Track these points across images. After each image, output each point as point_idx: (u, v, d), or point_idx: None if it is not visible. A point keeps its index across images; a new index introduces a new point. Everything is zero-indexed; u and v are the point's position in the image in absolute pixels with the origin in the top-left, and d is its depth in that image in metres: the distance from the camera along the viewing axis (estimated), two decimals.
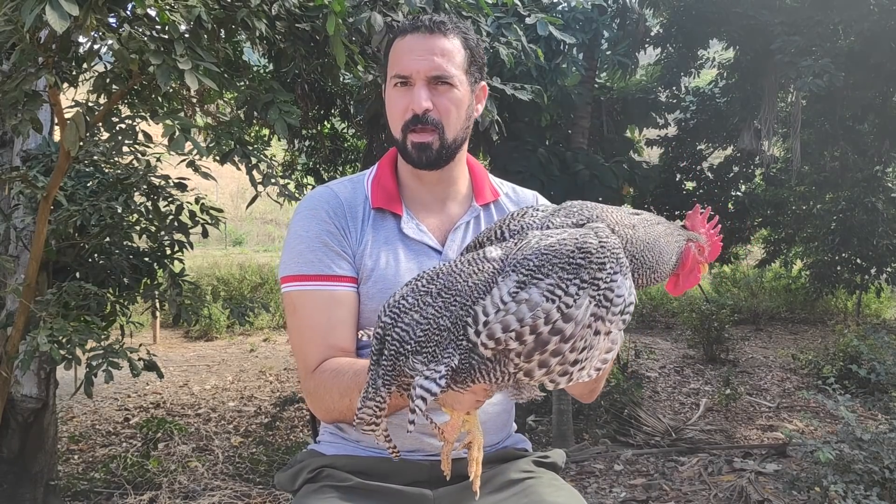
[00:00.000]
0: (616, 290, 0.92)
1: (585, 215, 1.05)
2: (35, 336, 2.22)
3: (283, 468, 1.42)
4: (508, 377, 0.91)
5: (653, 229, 1.10)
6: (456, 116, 1.30)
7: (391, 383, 0.93)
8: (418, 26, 1.29)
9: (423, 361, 0.90)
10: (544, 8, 4.22)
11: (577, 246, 0.92)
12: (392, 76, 1.30)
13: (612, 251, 0.94)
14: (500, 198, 1.46)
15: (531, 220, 1.06)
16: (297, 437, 4.59)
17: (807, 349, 7.51)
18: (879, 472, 2.79)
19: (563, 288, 0.89)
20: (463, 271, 0.95)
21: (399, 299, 0.95)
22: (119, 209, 2.83)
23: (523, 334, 0.87)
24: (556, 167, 4.40)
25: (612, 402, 4.84)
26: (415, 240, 1.33)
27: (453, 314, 0.92)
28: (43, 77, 1.98)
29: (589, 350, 0.91)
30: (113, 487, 3.55)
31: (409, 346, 0.91)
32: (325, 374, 1.22)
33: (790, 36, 4.89)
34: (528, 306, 0.87)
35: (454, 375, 0.90)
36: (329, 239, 1.29)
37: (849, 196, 7.76)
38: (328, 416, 1.27)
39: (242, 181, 14.45)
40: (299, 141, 5.95)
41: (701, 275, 1.20)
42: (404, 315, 0.93)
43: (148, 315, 7.32)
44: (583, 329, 0.89)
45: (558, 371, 0.89)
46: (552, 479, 1.35)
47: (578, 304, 0.89)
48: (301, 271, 1.27)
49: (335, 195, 1.35)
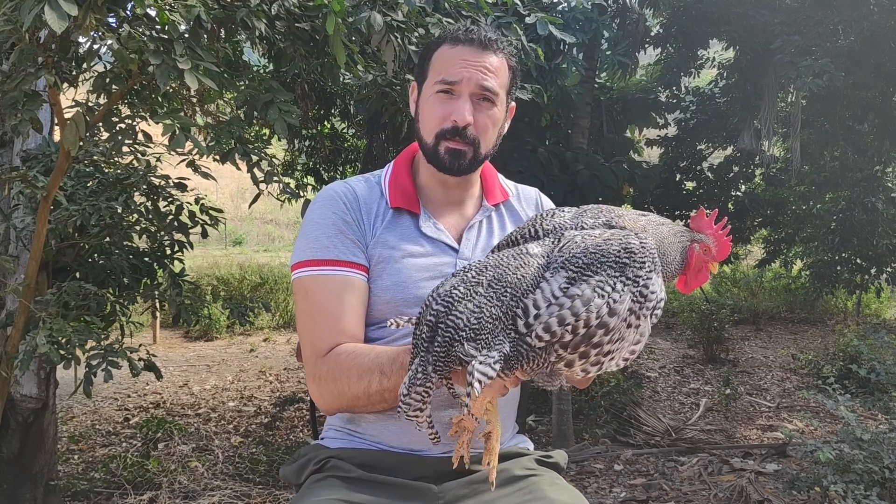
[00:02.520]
0: (651, 287, 0.98)
1: (604, 217, 1.12)
2: (34, 336, 2.22)
3: (288, 461, 1.43)
4: (549, 366, 0.96)
5: (659, 230, 1.16)
6: (492, 134, 1.35)
7: (443, 370, 0.96)
8: (472, 38, 1.30)
9: (476, 348, 0.94)
10: (544, 7, 4.22)
11: (622, 246, 0.99)
12: (438, 80, 1.30)
13: (651, 251, 1.01)
14: (509, 198, 1.49)
15: (561, 220, 1.12)
16: (297, 437, 4.59)
17: (807, 349, 7.51)
18: (879, 472, 2.79)
19: (612, 285, 0.95)
20: (510, 265, 1.01)
21: (450, 289, 0.99)
22: (119, 209, 2.83)
23: (577, 328, 0.92)
24: (556, 167, 4.40)
25: (612, 402, 4.84)
26: (433, 238, 1.35)
27: (504, 304, 0.97)
28: (43, 77, 1.98)
29: (621, 342, 0.96)
30: (113, 487, 3.55)
31: (465, 332, 0.95)
32: (340, 357, 1.21)
33: (790, 36, 4.89)
34: (581, 301, 0.93)
35: (505, 362, 0.95)
36: (345, 227, 1.31)
37: (849, 196, 7.76)
38: (338, 402, 1.23)
39: (242, 181, 14.28)
40: (299, 141, 5.95)
41: (710, 273, 1.25)
42: (458, 304, 0.97)
43: (148, 315, 7.32)
44: (622, 322, 0.95)
45: (593, 361, 0.95)
46: (554, 478, 1.36)
47: (622, 300, 0.95)
48: (316, 256, 1.28)
49: (352, 189, 1.37)
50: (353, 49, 2.43)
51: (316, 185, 6.23)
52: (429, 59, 1.35)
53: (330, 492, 1.24)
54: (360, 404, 1.18)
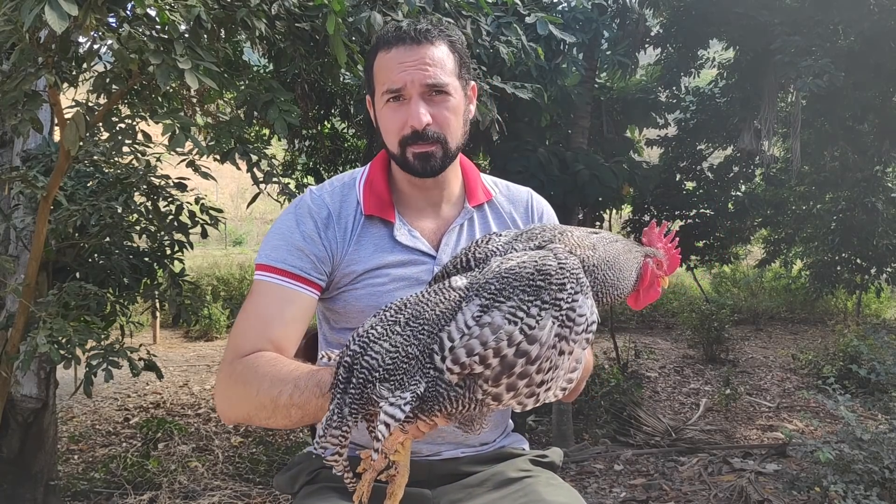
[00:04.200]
0: (578, 310, 0.93)
1: (547, 237, 1.06)
2: (35, 336, 2.22)
3: (282, 471, 1.42)
4: (476, 403, 0.92)
5: (612, 247, 1.11)
6: (455, 125, 1.28)
7: (358, 412, 0.93)
8: (403, 37, 1.24)
9: (389, 388, 0.91)
10: (544, 7, 4.22)
11: (536, 268, 0.94)
12: (384, 91, 1.25)
13: (572, 271, 0.95)
14: (493, 198, 1.43)
15: (495, 246, 1.07)
16: (296, 437, 4.59)
17: (807, 349, 7.51)
18: (879, 472, 2.79)
19: (525, 309, 0.90)
20: (430, 300, 0.97)
21: (368, 329, 0.96)
22: (119, 209, 2.83)
23: (487, 357, 0.88)
24: (556, 167, 4.40)
25: (612, 402, 4.84)
26: (408, 246, 1.31)
27: (421, 342, 0.93)
28: (43, 77, 1.98)
29: (555, 370, 0.92)
30: (113, 487, 3.55)
31: (378, 373, 0.92)
32: (259, 360, 1.15)
33: (790, 36, 4.89)
34: (490, 329, 0.89)
35: (421, 403, 0.91)
36: (305, 244, 1.27)
37: (849, 196, 7.76)
38: (241, 407, 1.15)
39: (242, 181, 14.29)
40: (299, 141, 5.95)
41: (660, 288, 1.21)
42: (373, 344, 0.94)
43: (148, 315, 7.32)
44: (548, 350, 0.90)
45: (525, 393, 0.90)
46: (550, 478, 1.35)
47: (542, 326, 0.90)
48: (271, 262, 1.26)
49: (324, 205, 1.32)
50: (353, 49, 2.43)
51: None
52: (371, 70, 1.30)
53: (325, 503, 1.23)
54: (263, 415, 1.10)
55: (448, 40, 1.28)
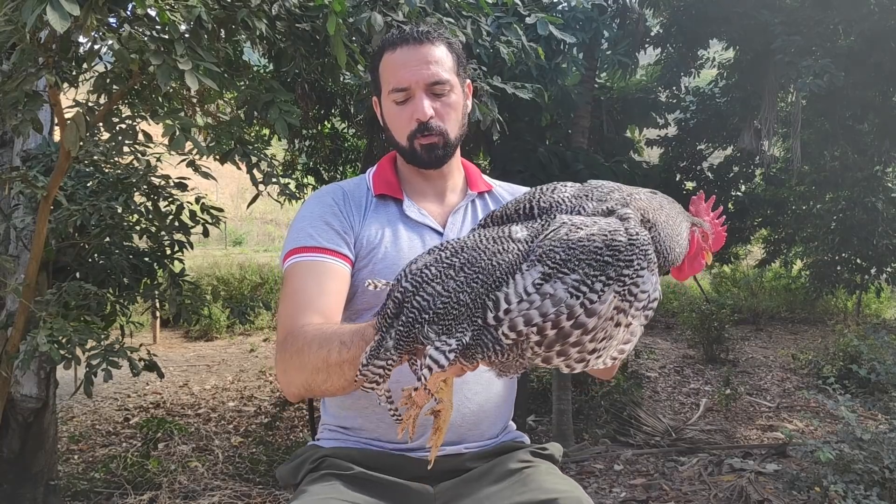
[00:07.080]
0: (641, 286, 0.91)
1: (616, 198, 1.02)
2: (35, 336, 2.22)
3: (285, 462, 1.43)
4: (522, 360, 0.92)
5: (673, 209, 1.10)
6: (455, 118, 1.39)
7: (402, 348, 0.93)
8: (406, 38, 1.35)
9: (436, 332, 0.90)
10: (544, 7, 4.21)
11: (605, 243, 0.91)
12: (390, 90, 1.36)
13: (641, 248, 0.92)
14: (493, 188, 1.53)
15: (560, 197, 1.03)
16: (297, 437, 4.59)
17: (807, 349, 7.52)
18: (879, 472, 2.79)
19: (589, 284, 0.88)
20: (488, 248, 0.95)
21: (422, 267, 0.95)
22: (119, 209, 2.83)
23: (545, 328, 0.87)
24: (556, 167, 4.40)
25: (612, 402, 4.85)
26: (417, 221, 1.40)
27: (474, 290, 0.91)
28: (43, 77, 1.98)
29: (608, 340, 0.91)
30: (113, 487, 3.55)
31: (427, 315, 0.91)
32: (307, 328, 1.18)
33: (790, 36, 4.89)
34: (552, 301, 0.87)
35: (464, 350, 0.91)
36: (331, 219, 1.35)
37: (849, 196, 7.76)
38: (298, 379, 1.15)
39: (242, 181, 14.29)
40: (299, 141, 5.94)
41: (704, 262, 1.18)
42: (426, 285, 0.93)
43: (148, 315, 7.32)
44: (605, 322, 0.89)
45: (576, 358, 0.90)
46: (550, 468, 1.36)
47: (603, 300, 0.88)
48: (300, 244, 1.31)
49: (340, 187, 1.44)
50: (353, 49, 2.43)
51: (316, 185, 6.23)
52: (377, 71, 1.41)
53: (328, 489, 1.24)
54: (321, 379, 1.10)
55: (446, 42, 1.40)
